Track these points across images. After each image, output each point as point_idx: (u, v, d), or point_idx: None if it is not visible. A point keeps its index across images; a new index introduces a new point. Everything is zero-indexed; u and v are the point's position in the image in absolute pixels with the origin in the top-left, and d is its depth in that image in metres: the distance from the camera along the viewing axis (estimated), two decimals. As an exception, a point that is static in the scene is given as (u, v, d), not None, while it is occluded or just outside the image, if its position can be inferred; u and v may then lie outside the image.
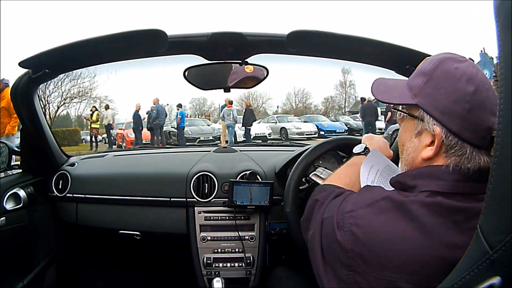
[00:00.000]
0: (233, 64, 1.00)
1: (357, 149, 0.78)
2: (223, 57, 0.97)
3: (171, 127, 10.63)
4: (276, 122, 12.00)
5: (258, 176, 1.11)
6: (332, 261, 0.51)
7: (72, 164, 1.28)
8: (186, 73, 1.02)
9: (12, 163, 1.18)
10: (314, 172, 0.90)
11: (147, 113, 9.38)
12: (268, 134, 10.78)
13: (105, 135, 10.85)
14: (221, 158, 1.26)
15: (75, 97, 12.01)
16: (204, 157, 1.26)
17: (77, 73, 10.75)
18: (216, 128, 11.34)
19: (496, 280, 0.35)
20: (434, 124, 0.50)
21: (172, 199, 1.13)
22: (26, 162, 1.19)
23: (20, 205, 1.09)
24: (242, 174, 1.12)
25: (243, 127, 9.38)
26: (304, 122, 12.34)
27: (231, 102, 9.16)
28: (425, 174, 0.52)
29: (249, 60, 0.97)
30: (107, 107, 10.74)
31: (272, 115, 17.11)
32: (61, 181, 1.21)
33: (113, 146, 10.98)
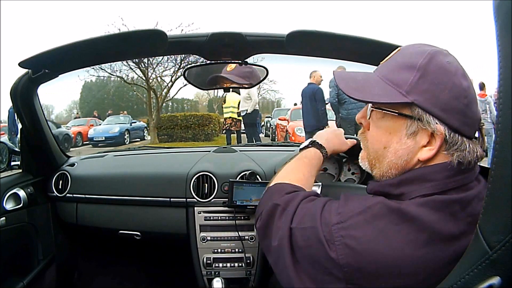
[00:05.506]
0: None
1: (302, 144, 0.78)
2: (222, 57, 0.97)
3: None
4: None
5: (258, 176, 1.10)
6: (319, 274, 0.47)
7: (72, 164, 1.28)
8: (186, 73, 1.03)
9: (12, 163, 1.18)
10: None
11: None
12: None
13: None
14: (221, 158, 1.26)
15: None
16: (204, 157, 1.26)
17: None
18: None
19: (495, 280, 0.35)
20: (437, 123, 0.46)
21: (172, 199, 1.12)
22: (26, 162, 1.19)
23: (20, 205, 1.09)
24: (242, 174, 1.12)
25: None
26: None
27: (482, 87, 4.95)
28: (410, 180, 0.49)
29: (248, 60, 0.97)
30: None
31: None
32: (61, 181, 1.21)
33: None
